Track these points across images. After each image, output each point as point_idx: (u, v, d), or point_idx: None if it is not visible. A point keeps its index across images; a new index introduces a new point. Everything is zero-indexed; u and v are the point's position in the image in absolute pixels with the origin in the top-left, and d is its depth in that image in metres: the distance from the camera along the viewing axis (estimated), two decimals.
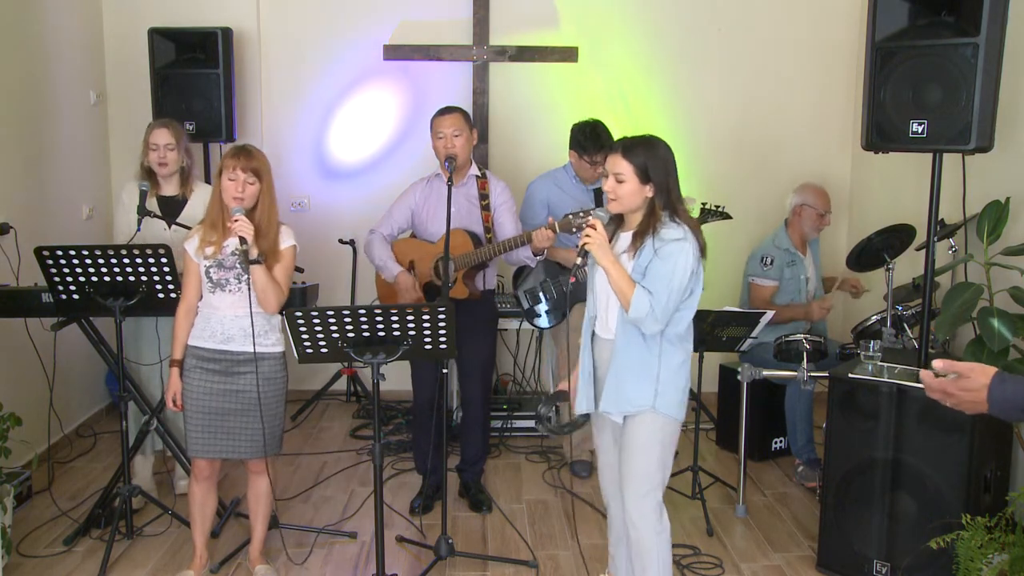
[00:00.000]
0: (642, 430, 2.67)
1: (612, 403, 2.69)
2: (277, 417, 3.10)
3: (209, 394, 3.02)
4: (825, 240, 4.76)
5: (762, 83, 5.30)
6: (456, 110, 3.71)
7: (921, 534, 2.94)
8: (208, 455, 3.07)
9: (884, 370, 3.19)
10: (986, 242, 3.31)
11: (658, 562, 2.70)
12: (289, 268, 3.09)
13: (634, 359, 2.64)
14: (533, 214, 4.07)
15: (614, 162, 2.62)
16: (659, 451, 2.67)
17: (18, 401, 3.59)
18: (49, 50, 4.46)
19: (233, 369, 3.02)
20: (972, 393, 1.75)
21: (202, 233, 3.03)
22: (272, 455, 3.13)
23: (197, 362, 3.03)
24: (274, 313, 3.05)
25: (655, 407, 2.63)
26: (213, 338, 3.02)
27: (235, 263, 3.00)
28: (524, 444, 4.68)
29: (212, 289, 3.02)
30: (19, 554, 3.39)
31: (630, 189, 2.60)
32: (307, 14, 5.19)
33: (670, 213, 2.61)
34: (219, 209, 3.01)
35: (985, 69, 2.87)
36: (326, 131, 5.30)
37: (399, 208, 3.82)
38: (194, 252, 3.02)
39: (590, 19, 5.21)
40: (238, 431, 3.04)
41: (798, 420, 4.17)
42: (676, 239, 2.57)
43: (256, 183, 2.97)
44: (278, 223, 3.05)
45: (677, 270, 2.56)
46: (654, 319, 2.55)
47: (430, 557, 3.34)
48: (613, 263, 2.59)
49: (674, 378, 2.65)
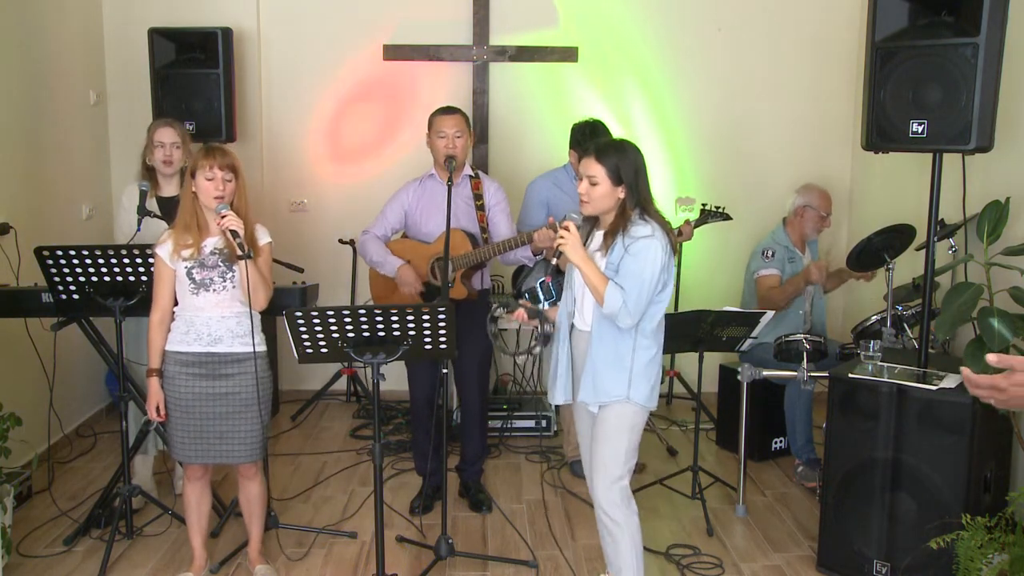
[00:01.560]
0: (613, 418, 2.78)
1: (590, 393, 2.79)
2: (266, 418, 3.06)
3: (195, 399, 2.96)
4: (825, 240, 4.76)
5: (762, 83, 5.30)
6: (458, 111, 3.72)
7: (921, 534, 2.94)
8: (199, 460, 3.02)
9: (884, 370, 3.19)
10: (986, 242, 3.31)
11: (631, 545, 2.81)
12: (270, 263, 3.08)
13: (609, 351, 2.75)
14: (532, 214, 4.08)
15: (587, 165, 2.74)
16: (627, 438, 2.78)
17: (18, 401, 3.58)
18: (49, 50, 4.46)
19: (220, 371, 2.97)
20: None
21: (175, 237, 2.96)
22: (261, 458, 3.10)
23: (180, 368, 2.97)
24: (263, 308, 3.01)
25: (628, 397, 2.75)
26: (199, 341, 2.96)
27: (217, 262, 2.95)
28: (524, 444, 4.68)
29: (195, 290, 2.95)
30: (19, 554, 3.39)
31: (603, 191, 2.72)
32: (307, 14, 5.20)
33: (640, 212, 2.73)
34: (192, 211, 2.96)
35: (985, 69, 2.87)
36: (326, 131, 5.30)
37: (392, 208, 3.82)
38: (168, 257, 2.95)
39: (590, 19, 5.21)
40: (229, 435, 2.99)
41: (798, 420, 4.17)
42: (644, 236, 2.68)
43: (233, 180, 2.94)
44: (253, 219, 3.02)
45: (647, 266, 2.66)
46: (627, 313, 2.66)
47: (430, 557, 3.34)
48: (585, 261, 2.70)
49: (646, 369, 2.77)
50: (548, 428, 4.78)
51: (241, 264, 2.89)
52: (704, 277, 5.30)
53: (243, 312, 2.98)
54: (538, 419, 4.78)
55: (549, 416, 4.80)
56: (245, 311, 2.98)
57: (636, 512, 2.84)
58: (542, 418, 4.79)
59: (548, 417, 4.79)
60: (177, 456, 3.04)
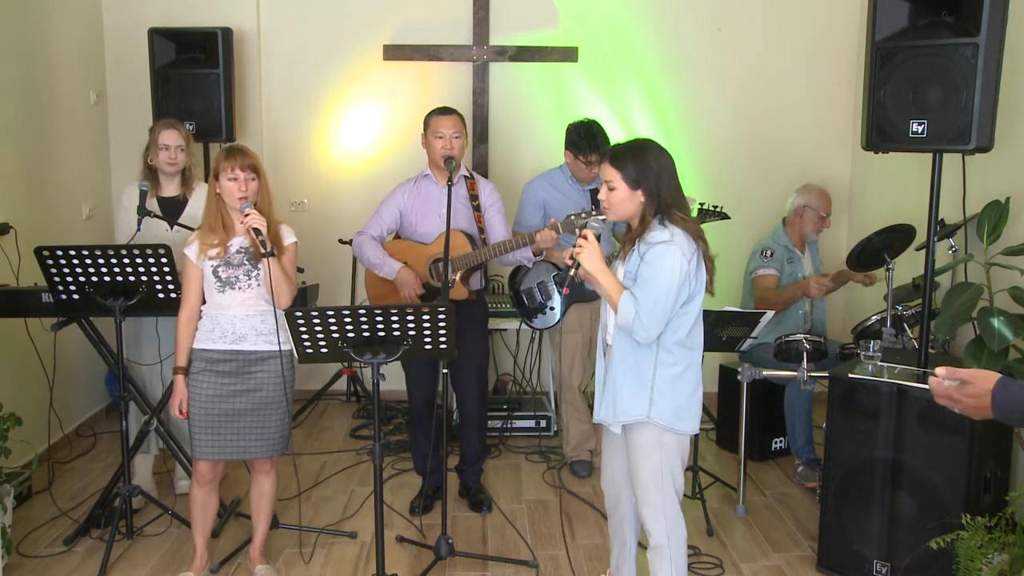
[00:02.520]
0: (638, 441, 2.64)
1: (609, 412, 2.66)
2: (288, 415, 3.10)
3: (218, 396, 3.00)
4: (825, 240, 4.76)
5: (762, 83, 5.30)
6: (455, 111, 3.72)
7: (921, 534, 2.94)
8: (216, 457, 3.05)
9: (884, 370, 3.19)
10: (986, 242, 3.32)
11: (672, 567, 2.68)
12: (295, 262, 3.11)
13: (628, 367, 2.61)
14: (529, 215, 4.07)
15: (604, 170, 2.61)
16: (658, 463, 2.61)
17: (18, 401, 3.59)
18: (49, 50, 4.46)
19: (245, 369, 3.01)
20: (976, 399, 1.80)
21: (201, 237, 3.01)
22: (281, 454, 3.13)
23: (205, 365, 3.01)
24: (287, 307, 3.03)
25: (649, 417, 2.58)
26: (224, 339, 3.00)
27: (243, 260, 2.99)
28: (524, 444, 4.68)
29: (221, 288, 3.00)
30: (19, 554, 3.39)
31: (621, 196, 2.58)
32: (307, 14, 5.19)
33: (661, 217, 2.56)
34: (217, 212, 3.01)
35: (985, 69, 2.87)
36: (326, 131, 5.30)
37: (387, 209, 3.81)
38: (195, 257, 3.01)
39: (590, 19, 5.21)
40: (248, 431, 3.03)
41: (798, 420, 4.17)
42: (660, 242, 2.51)
43: (255, 179, 3.00)
44: (277, 219, 3.08)
45: (661, 274, 2.49)
46: (640, 325, 2.50)
47: (430, 557, 3.34)
48: (602, 271, 2.56)
49: (672, 387, 2.58)
50: (548, 428, 4.78)
51: (265, 262, 2.93)
52: None
53: (267, 310, 3.01)
54: (538, 419, 4.78)
55: (549, 416, 4.80)
56: (269, 309, 3.01)
57: (682, 536, 2.68)
58: (542, 418, 4.79)
59: (548, 417, 4.79)
60: (197, 454, 3.05)
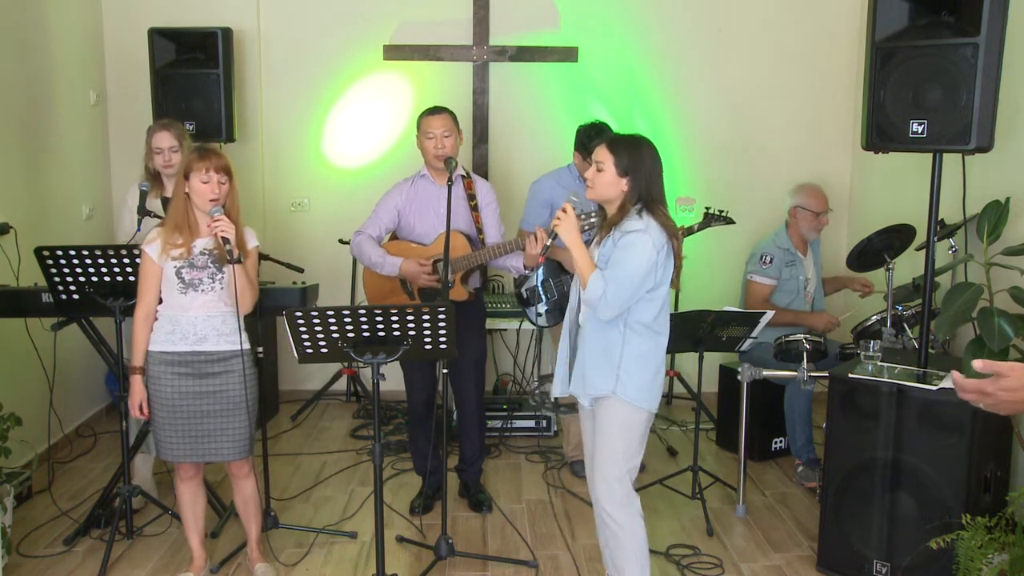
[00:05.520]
0: (604, 415, 2.77)
1: (579, 385, 2.81)
2: (254, 416, 3.06)
3: (182, 398, 2.95)
4: (825, 240, 4.76)
5: (762, 83, 5.30)
6: (445, 110, 3.70)
7: (921, 534, 2.94)
8: (183, 459, 3.01)
9: (884, 370, 3.19)
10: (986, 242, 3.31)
11: (635, 549, 2.77)
12: (256, 267, 3.09)
13: (598, 344, 2.76)
14: (536, 213, 4.06)
15: (598, 151, 2.77)
16: (621, 436, 2.75)
17: (18, 401, 3.59)
18: (49, 50, 4.46)
19: (207, 370, 2.96)
20: (1012, 393, 1.70)
21: (164, 236, 2.95)
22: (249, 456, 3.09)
23: (165, 367, 2.95)
24: (249, 312, 3.02)
25: (615, 392, 2.72)
26: (185, 340, 2.95)
27: (207, 262, 2.95)
28: (524, 444, 4.68)
29: (184, 290, 2.94)
30: (19, 554, 3.39)
31: (607, 179, 2.73)
32: (307, 14, 5.20)
33: (640, 209, 2.71)
34: (184, 212, 2.95)
35: (985, 69, 2.87)
36: (326, 131, 5.30)
37: (385, 209, 3.79)
38: (156, 256, 2.94)
39: (590, 19, 5.21)
40: (217, 433, 2.99)
41: (797, 420, 4.17)
42: (634, 230, 2.67)
43: (227, 182, 2.94)
44: (242, 222, 3.02)
45: (631, 260, 2.64)
46: (606, 304, 2.65)
47: (430, 557, 3.34)
48: (577, 244, 2.72)
49: (637, 366, 2.73)
50: (548, 428, 4.79)
51: (230, 267, 2.90)
52: (704, 277, 5.29)
53: (228, 312, 2.98)
54: (538, 419, 4.78)
55: (549, 416, 4.80)
56: (231, 311, 2.98)
57: (640, 514, 2.80)
58: (542, 418, 4.79)
59: (548, 417, 4.79)
60: (165, 456, 3.02)
